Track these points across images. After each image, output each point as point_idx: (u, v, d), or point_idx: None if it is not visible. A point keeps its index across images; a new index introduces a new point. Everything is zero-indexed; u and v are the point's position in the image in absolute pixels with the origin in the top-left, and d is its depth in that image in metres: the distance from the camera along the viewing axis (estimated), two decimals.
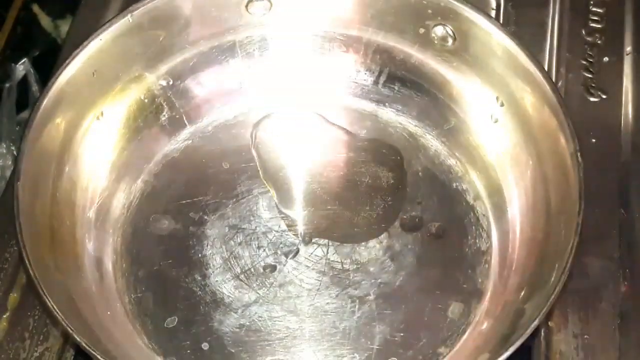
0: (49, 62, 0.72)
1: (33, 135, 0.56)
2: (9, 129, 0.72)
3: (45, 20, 0.79)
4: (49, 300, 0.50)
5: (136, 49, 0.63)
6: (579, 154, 0.55)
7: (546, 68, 0.70)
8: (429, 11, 0.63)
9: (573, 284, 0.59)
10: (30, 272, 0.51)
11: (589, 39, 0.72)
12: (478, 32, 0.62)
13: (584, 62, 0.71)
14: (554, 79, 0.69)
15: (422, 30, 0.65)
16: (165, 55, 0.65)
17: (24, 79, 0.75)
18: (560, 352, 0.59)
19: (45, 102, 0.57)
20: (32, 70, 0.76)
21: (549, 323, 0.60)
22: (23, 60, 0.76)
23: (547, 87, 0.58)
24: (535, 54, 0.60)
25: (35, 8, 0.79)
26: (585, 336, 0.60)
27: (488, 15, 0.61)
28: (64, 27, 0.78)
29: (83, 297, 0.57)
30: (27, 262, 0.51)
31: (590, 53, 0.72)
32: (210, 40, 0.66)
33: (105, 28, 0.60)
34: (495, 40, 0.61)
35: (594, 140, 0.67)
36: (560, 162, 0.57)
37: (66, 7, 0.78)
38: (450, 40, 0.64)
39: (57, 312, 0.50)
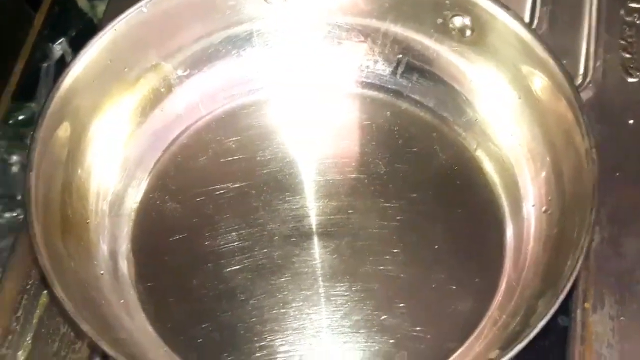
0: (85, 42, 0.72)
1: (46, 125, 0.57)
2: None
3: (82, 1, 0.79)
4: (57, 290, 0.51)
5: (152, 38, 0.63)
6: (593, 151, 0.54)
7: (584, 49, 0.70)
8: (447, 1, 0.62)
9: (609, 265, 0.59)
10: (40, 261, 0.52)
11: (627, 18, 0.71)
12: (496, 23, 0.61)
13: (623, 42, 0.70)
14: (592, 60, 0.69)
15: (440, 21, 0.64)
16: (182, 45, 0.65)
17: (62, 59, 0.76)
18: (596, 334, 0.59)
19: (59, 92, 0.58)
20: (69, 50, 0.76)
21: (585, 304, 0.60)
22: (60, 40, 0.76)
23: (564, 81, 0.57)
24: (571, 38, 0.60)
25: None
26: (622, 318, 0.59)
27: (505, 7, 0.60)
28: (101, 7, 0.79)
29: (95, 285, 0.57)
30: (37, 251, 0.52)
31: (629, 33, 0.70)
32: (227, 29, 0.66)
33: (119, 19, 0.60)
34: (512, 32, 0.60)
35: (631, 122, 0.66)
36: (576, 158, 0.56)
37: None
38: (468, 32, 0.63)
39: (65, 302, 0.50)
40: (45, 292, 0.61)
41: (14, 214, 0.67)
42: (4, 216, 0.67)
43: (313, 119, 0.68)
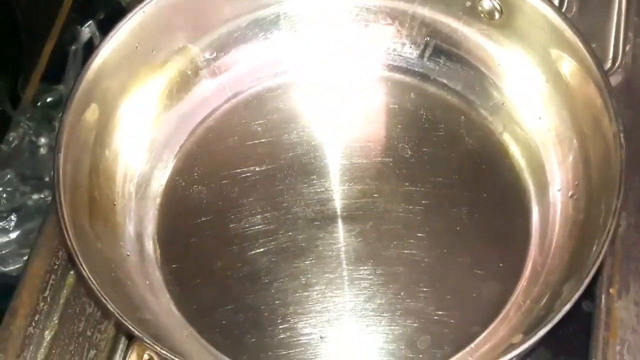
0: (114, 24, 0.73)
1: (74, 107, 0.57)
2: None
3: None
4: (84, 270, 0.51)
5: (180, 21, 0.63)
6: (621, 136, 0.53)
7: (614, 33, 0.69)
8: None
9: (636, 251, 0.59)
10: (68, 242, 0.52)
11: None
12: (525, 6, 0.60)
13: None
14: (621, 44, 0.68)
15: (468, 4, 0.64)
16: (209, 28, 0.66)
17: (90, 42, 0.76)
18: (621, 320, 0.58)
19: (87, 74, 0.58)
20: (97, 33, 0.77)
21: (610, 290, 0.59)
22: (89, 23, 0.77)
23: (593, 65, 0.56)
24: (601, 22, 0.60)
25: None
26: None
27: None
28: None
29: (121, 266, 0.58)
30: (65, 232, 0.53)
31: None
32: (255, 12, 0.66)
33: (147, 1, 0.60)
34: (541, 14, 0.59)
35: None
36: (603, 142, 0.55)
37: None
38: (497, 14, 0.63)
39: (92, 282, 0.51)
40: (72, 272, 0.62)
41: (42, 196, 0.68)
42: (32, 198, 0.68)
43: (339, 102, 0.68)
